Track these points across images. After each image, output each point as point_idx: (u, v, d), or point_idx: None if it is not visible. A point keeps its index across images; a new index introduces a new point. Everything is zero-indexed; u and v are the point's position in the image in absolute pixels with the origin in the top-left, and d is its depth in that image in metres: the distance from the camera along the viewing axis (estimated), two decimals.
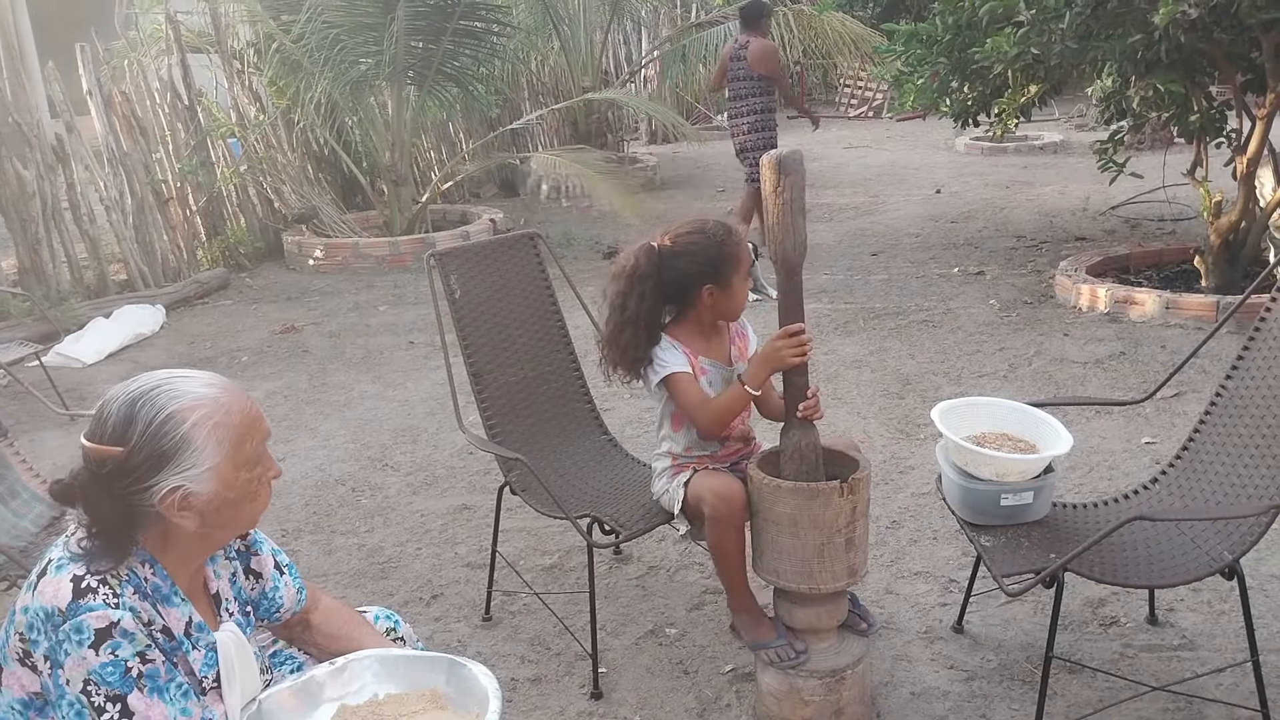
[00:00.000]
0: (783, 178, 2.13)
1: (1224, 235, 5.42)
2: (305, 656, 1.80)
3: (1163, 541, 2.28)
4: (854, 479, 2.20)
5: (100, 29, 8.06)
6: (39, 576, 1.41)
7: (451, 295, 2.87)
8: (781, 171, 2.13)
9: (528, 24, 9.70)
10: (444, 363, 2.90)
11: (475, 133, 10.21)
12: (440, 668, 1.60)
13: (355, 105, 8.06)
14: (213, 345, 6.02)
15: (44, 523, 2.73)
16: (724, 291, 2.38)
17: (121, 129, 7.21)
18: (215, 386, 1.47)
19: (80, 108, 7.03)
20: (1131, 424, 4.03)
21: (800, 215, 2.16)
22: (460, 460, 4.07)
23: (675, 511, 2.47)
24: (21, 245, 6.54)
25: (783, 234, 2.16)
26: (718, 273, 2.36)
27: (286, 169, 8.29)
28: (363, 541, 3.47)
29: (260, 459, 1.51)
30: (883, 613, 2.81)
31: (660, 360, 2.40)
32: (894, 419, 4.22)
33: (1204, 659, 2.55)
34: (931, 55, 5.94)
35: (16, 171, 6.42)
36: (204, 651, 1.51)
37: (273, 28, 7.81)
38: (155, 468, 1.39)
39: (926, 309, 5.81)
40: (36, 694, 1.43)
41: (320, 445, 4.35)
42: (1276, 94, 4.98)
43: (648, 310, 2.40)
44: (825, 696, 2.28)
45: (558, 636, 2.80)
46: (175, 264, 7.45)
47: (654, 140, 14.05)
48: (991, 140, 11.50)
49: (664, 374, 2.39)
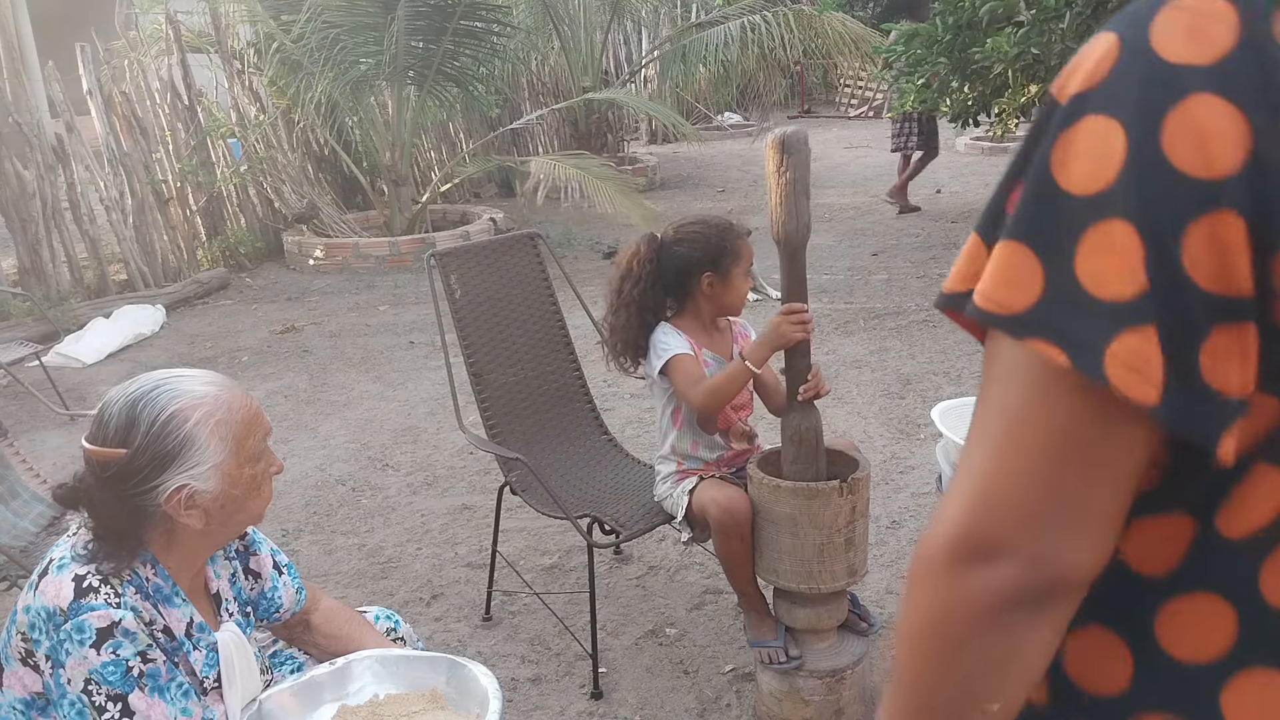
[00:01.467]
0: (786, 157, 2.07)
1: None
2: (305, 656, 1.81)
3: None
4: (854, 479, 2.20)
5: (100, 29, 8.06)
6: (40, 576, 1.42)
7: (451, 295, 2.87)
8: (784, 151, 2.07)
9: (528, 24, 9.69)
10: (444, 363, 2.90)
11: (475, 133, 10.21)
12: (440, 668, 1.60)
13: (355, 105, 8.06)
14: (213, 345, 6.02)
15: (44, 523, 2.73)
16: (723, 282, 2.39)
17: (121, 129, 7.21)
18: (214, 384, 1.47)
19: (80, 108, 7.03)
20: None
21: (804, 196, 2.12)
22: (460, 460, 4.07)
23: (679, 517, 2.47)
24: (21, 245, 6.54)
25: (786, 215, 2.11)
26: (717, 262, 2.38)
27: (286, 169, 8.29)
28: (363, 541, 3.47)
29: (262, 454, 1.51)
30: (883, 613, 2.81)
31: (662, 344, 2.41)
32: (894, 419, 4.22)
33: None
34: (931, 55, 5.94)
35: (16, 171, 6.42)
36: (205, 652, 1.51)
37: (273, 28, 7.81)
38: (160, 468, 1.39)
39: (927, 309, 5.81)
40: (38, 694, 1.44)
41: (320, 445, 4.35)
42: None
43: (641, 294, 2.43)
44: (825, 696, 2.28)
45: (558, 636, 2.80)
46: (175, 264, 7.45)
47: (654, 140, 14.05)
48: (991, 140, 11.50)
49: (666, 357, 2.39)
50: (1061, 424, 0.63)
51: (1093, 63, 0.63)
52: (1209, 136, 0.58)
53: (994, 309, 0.64)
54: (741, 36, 9.13)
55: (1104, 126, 0.61)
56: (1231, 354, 0.60)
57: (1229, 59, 0.59)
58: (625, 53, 14.24)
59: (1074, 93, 0.63)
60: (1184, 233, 0.59)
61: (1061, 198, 0.62)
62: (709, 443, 2.51)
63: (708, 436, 2.51)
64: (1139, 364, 0.59)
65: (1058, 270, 0.62)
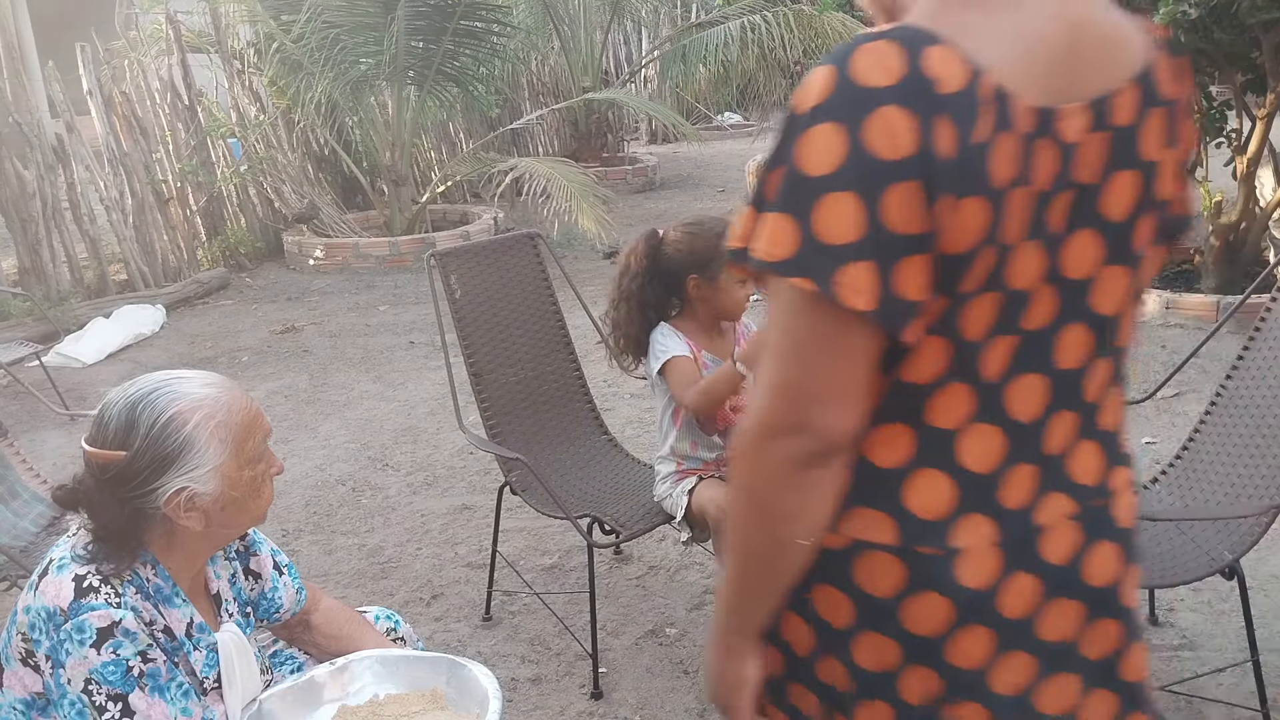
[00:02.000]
0: None
1: (1224, 235, 5.42)
2: (305, 657, 1.81)
3: (1163, 541, 2.28)
4: None
5: (100, 29, 8.06)
6: (40, 576, 1.42)
7: (451, 295, 2.87)
8: None
9: (528, 24, 9.69)
10: (444, 363, 2.90)
11: (475, 133, 10.21)
12: (440, 668, 1.60)
13: (355, 105, 8.06)
14: (213, 345, 6.02)
15: (44, 523, 2.73)
16: (710, 285, 2.41)
17: (121, 129, 7.21)
18: (214, 386, 1.47)
19: (80, 108, 7.03)
20: (1131, 424, 4.02)
21: None
22: (460, 460, 4.07)
23: (678, 518, 2.47)
24: (21, 245, 6.54)
25: None
26: (705, 266, 2.39)
27: (286, 169, 8.29)
28: (363, 541, 3.47)
29: (263, 456, 1.51)
30: None
31: (660, 346, 2.43)
32: None
33: (1204, 659, 2.55)
34: None
35: (16, 171, 6.42)
36: (205, 652, 1.51)
37: (273, 28, 7.81)
38: (159, 470, 1.39)
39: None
40: (38, 694, 1.44)
41: (320, 445, 4.36)
42: (1276, 94, 4.98)
43: (639, 289, 2.46)
44: None
45: (558, 636, 2.81)
46: (175, 264, 7.45)
47: (654, 140, 14.04)
48: None
49: (664, 359, 2.41)
50: (820, 331, 0.94)
51: (818, 86, 0.93)
52: (894, 133, 0.90)
53: (768, 259, 0.94)
54: (741, 36, 9.13)
55: (830, 129, 0.91)
56: (915, 273, 0.92)
57: (902, 82, 0.90)
58: (625, 53, 14.24)
59: (808, 107, 0.93)
60: (882, 196, 0.90)
61: (805, 179, 0.92)
62: (708, 443, 2.52)
63: (707, 437, 2.51)
64: (859, 285, 0.90)
65: (805, 228, 0.92)
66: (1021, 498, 1.05)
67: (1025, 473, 1.05)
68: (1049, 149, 0.96)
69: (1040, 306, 1.02)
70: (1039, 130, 0.95)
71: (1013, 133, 0.93)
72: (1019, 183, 0.94)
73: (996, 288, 0.98)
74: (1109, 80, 0.99)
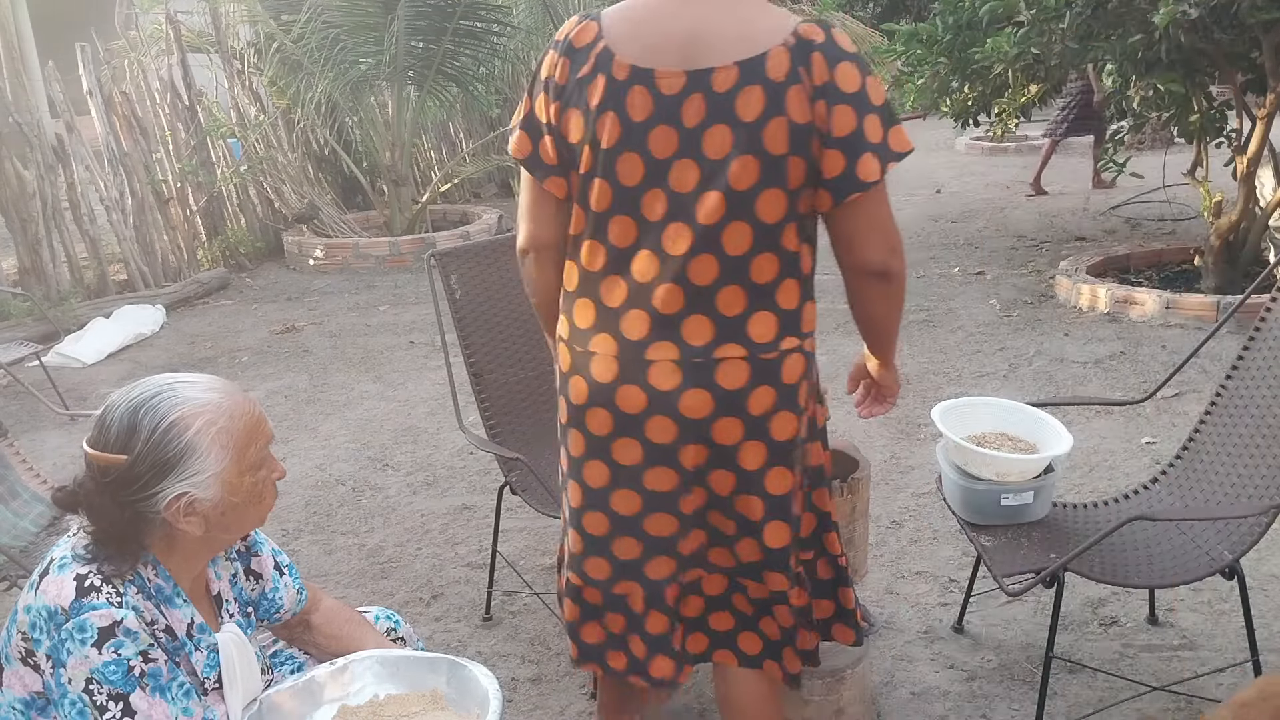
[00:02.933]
0: None
1: (1224, 235, 5.43)
2: (306, 657, 1.81)
3: (1163, 541, 2.28)
4: (854, 479, 2.20)
5: (100, 29, 8.07)
6: (41, 576, 1.42)
7: (451, 295, 2.87)
8: None
9: (528, 24, 9.69)
10: (444, 363, 2.90)
11: (475, 133, 10.21)
12: (441, 668, 1.60)
13: (355, 105, 8.06)
14: (213, 345, 6.02)
15: (44, 523, 2.73)
16: None
17: (121, 129, 7.21)
18: (217, 391, 1.47)
19: (80, 108, 7.03)
20: (1131, 424, 4.03)
21: None
22: (460, 460, 4.08)
23: None
24: (21, 245, 6.54)
25: None
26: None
27: (286, 169, 8.29)
28: (363, 541, 3.47)
29: (264, 462, 1.51)
30: (883, 613, 2.81)
31: None
32: (894, 419, 4.22)
33: (1204, 659, 2.55)
34: (932, 55, 5.94)
35: (16, 171, 6.42)
36: (206, 652, 1.52)
37: (273, 28, 7.82)
38: (160, 475, 1.39)
39: (927, 309, 5.82)
40: (39, 693, 1.44)
41: (320, 445, 4.36)
42: (1276, 94, 4.99)
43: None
44: (825, 696, 2.28)
45: (558, 636, 2.80)
46: (175, 264, 7.45)
47: None
48: (991, 140, 11.50)
49: None
50: (527, 185, 1.73)
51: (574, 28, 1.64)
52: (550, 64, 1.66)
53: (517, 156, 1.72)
54: None
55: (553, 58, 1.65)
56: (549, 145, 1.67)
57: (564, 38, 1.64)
58: None
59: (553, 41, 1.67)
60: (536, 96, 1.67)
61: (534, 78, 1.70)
62: None
63: None
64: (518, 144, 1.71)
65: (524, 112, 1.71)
66: (639, 333, 1.64)
67: (641, 317, 1.63)
68: (643, 93, 1.55)
69: (652, 203, 1.59)
70: (632, 79, 1.56)
71: (608, 76, 1.57)
72: (607, 107, 1.57)
73: (609, 178, 1.60)
74: (712, 61, 1.53)
